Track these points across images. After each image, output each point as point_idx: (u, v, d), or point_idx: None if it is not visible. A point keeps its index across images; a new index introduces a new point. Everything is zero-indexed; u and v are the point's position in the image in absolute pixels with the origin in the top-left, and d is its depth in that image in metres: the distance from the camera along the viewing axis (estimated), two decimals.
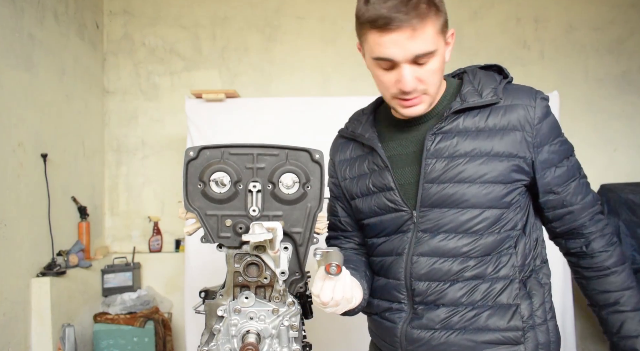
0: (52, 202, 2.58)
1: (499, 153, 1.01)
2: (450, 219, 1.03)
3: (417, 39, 0.93)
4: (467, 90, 1.04)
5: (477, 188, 1.01)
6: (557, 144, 1.05)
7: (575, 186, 1.07)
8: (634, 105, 3.43)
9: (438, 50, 0.97)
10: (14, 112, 2.30)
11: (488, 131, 1.02)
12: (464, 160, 1.02)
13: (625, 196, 2.74)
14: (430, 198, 1.05)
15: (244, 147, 0.99)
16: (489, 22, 3.43)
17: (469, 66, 1.13)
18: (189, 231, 1.03)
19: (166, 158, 3.36)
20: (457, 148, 1.03)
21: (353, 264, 1.16)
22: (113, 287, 2.99)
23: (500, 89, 1.03)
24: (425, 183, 1.05)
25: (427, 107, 1.04)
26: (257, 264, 0.99)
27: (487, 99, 1.02)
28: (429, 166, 1.04)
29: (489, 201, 1.01)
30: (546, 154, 1.04)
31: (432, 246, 1.05)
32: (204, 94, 2.69)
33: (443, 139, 1.04)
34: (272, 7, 3.40)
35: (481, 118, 1.03)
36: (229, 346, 0.97)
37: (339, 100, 2.79)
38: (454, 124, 1.04)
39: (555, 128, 1.06)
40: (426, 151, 1.05)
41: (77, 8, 2.99)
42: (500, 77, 1.06)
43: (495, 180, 1.01)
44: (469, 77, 1.07)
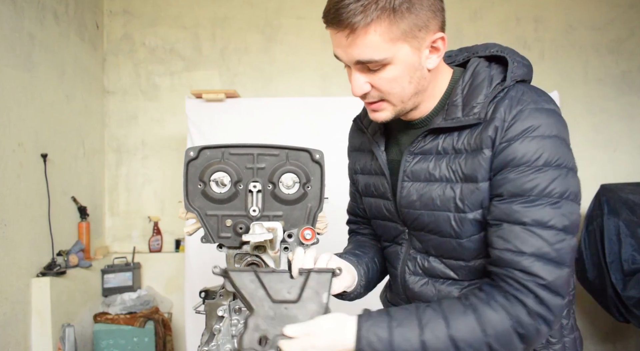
0: (52, 202, 2.58)
1: (470, 177, 0.89)
2: (435, 245, 0.98)
3: (356, 43, 0.84)
4: (455, 101, 0.93)
5: (453, 216, 0.92)
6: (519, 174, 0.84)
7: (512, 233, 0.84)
8: (634, 105, 3.43)
9: (392, 58, 0.85)
10: (14, 112, 2.30)
11: (465, 152, 0.91)
12: (440, 185, 0.93)
13: (625, 196, 2.74)
14: (413, 222, 1.00)
15: (244, 147, 0.99)
16: (489, 22, 3.43)
17: (479, 50, 0.99)
18: (189, 231, 1.03)
19: (166, 158, 3.36)
20: (434, 172, 0.94)
21: (361, 250, 1.15)
22: (113, 287, 2.99)
23: (487, 104, 0.88)
24: (402, 208, 1.00)
25: (393, 115, 0.94)
26: (258, 265, 0.99)
27: (469, 119, 0.89)
28: (404, 189, 0.99)
29: (468, 229, 0.92)
30: (499, 181, 0.86)
31: (422, 266, 1.01)
32: (204, 94, 2.69)
33: (422, 160, 0.96)
34: (272, 7, 3.40)
35: (460, 137, 0.92)
36: (229, 346, 0.97)
37: (339, 100, 2.79)
38: (434, 143, 0.95)
39: (528, 156, 0.83)
40: (402, 172, 0.99)
41: (77, 8, 2.99)
42: (497, 82, 0.91)
43: (472, 207, 0.90)
44: (464, 77, 0.95)
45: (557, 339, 0.97)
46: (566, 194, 0.83)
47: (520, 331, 0.82)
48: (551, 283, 0.81)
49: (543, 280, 0.81)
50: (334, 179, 1.34)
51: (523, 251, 0.82)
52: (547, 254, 0.82)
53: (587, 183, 2.97)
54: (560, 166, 0.84)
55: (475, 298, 0.85)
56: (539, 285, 0.81)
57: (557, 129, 0.85)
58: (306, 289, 0.86)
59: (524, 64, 0.94)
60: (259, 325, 0.83)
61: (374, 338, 0.82)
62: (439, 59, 0.91)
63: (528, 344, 0.83)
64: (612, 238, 2.68)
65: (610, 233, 2.69)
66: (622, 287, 2.60)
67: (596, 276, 2.73)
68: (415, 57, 0.87)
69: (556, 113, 0.88)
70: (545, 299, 0.81)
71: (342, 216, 1.43)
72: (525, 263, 0.82)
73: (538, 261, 0.81)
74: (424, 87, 0.93)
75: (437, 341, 0.82)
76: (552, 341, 0.97)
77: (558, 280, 0.82)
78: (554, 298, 0.82)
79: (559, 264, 0.82)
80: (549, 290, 0.81)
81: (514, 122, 0.85)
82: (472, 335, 0.82)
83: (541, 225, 0.82)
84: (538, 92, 0.90)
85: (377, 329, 0.83)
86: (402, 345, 0.82)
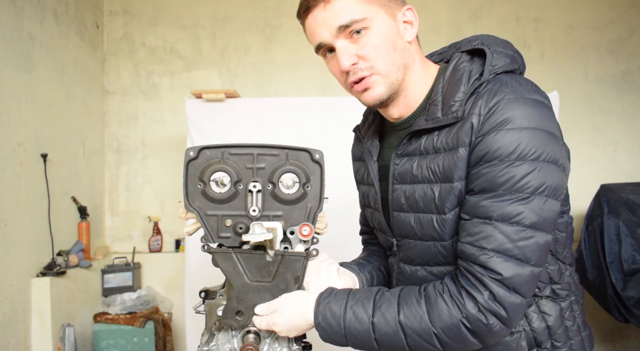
0: (52, 202, 2.58)
1: (446, 177, 0.88)
2: (419, 252, 0.97)
3: (333, 9, 0.87)
4: (435, 100, 0.91)
5: (435, 217, 0.91)
6: (490, 169, 0.81)
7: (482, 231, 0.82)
8: (634, 105, 3.43)
9: (372, 21, 0.88)
10: (14, 112, 2.30)
11: (443, 151, 0.89)
12: (422, 186, 0.92)
13: (625, 196, 2.74)
14: (399, 227, 0.99)
15: (244, 147, 0.98)
16: (489, 22, 3.43)
17: (462, 44, 0.97)
18: (189, 231, 1.03)
19: (166, 158, 3.36)
20: (417, 173, 0.93)
21: (367, 259, 1.16)
22: (113, 287, 2.99)
23: (465, 101, 0.86)
24: (394, 211, 0.99)
25: (386, 90, 0.93)
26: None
27: (447, 118, 0.87)
28: (394, 192, 0.98)
29: (450, 230, 0.89)
30: (472, 176, 0.84)
31: (411, 278, 1.00)
32: (204, 94, 2.69)
33: (407, 161, 0.96)
34: (272, 7, 3.40)
35: (439, 136, 0.90)
36: (229, 346, 0.97)
37: (339, 100, 2.79)
38: (417, 143, 0.94)
39: (502, 150, 0.80)
40: (392, 175, 0.98)
41: (77, 8, 2.99)
42: (475, 76, 0.88)
43: (451, 207, 0.88)
44: (445, 74, 0.93)
45: (563, 342, 0.94)
46: (540, 189, 0.80)
47: (468, 325, 0.81)
48: (507, 280, 0.79)
49: (499, 276, 0.80)
50: (334, 179, 1.34)
51: (484, 246, 0.81)
52: (509, 251, 0.80)
53: (587, 183, 2.98)
54: (538, 160, 0.80)
55: (432, 289, 0.86)
56: (494, 280, 0.80)
57: (537, 120, 0.81)
58: (279, 271, 0.95)
59: (507, 54, 0.90)
60: (236, 298, 0.94)
61: (328, 313, 0.88)
62: (415, 32, 0.94)
63: (480, 339, 0.83)
64: (612, 238, 2.68)
65: (610, 233, 2.69)
66: (622, 287, 2.60)
67: (596, 276, 2.73)
68: (392, 24, 0.91)
69: (538, 103, 0.83)
70: (499, 295, 0.80)
71: (342, 217, 1.44)
72: (483, 258, 0.81)
73: (498, 257, 0.80)
74: (409, 61, 0.93)
75: (387, 325, 0.85)
76: (557, 345, 0.94)
77: (516, 278, 0.80)
78: (510, 295, 0.80)
79: (521, 261, 0.80)
80: (505, 287, 0.80)
81: (490, 115, 0.82)
82: (420, 324, 0.83)
83: (506, 221, 0.80)
84: (522, 81, 0.87)
85: (333, 305, 0.88)
86: (353, 324, 0.87)
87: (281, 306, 0.91)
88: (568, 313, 0.95)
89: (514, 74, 0.90)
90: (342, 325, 0.87)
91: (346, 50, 0.90)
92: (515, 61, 0.91)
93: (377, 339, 0.86)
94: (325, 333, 0.89)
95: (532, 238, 0.80)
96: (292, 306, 0.90)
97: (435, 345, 0.84)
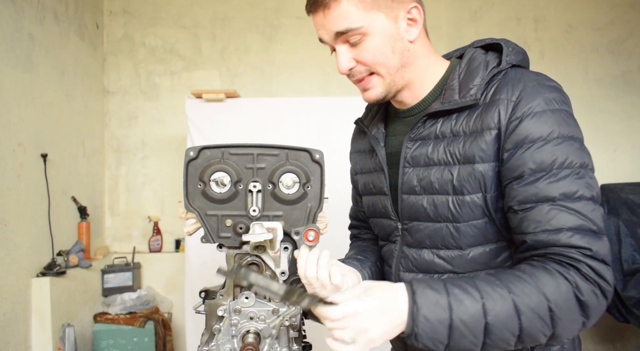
0: (52, 202, 2.58)
1: (467, 159, 0.88)
2: (429, 234, 0.96)
3: (332, 15, 0.89)
4: (451, 85, 0.93)
5: (451, 199, 0.91)
6: (536, 151, 0.83)
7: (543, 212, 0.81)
8: (634, 105, 3.43)
9: (369, 27, 0.89)
10: (14, 112, 2.30)
11: (463, 135, 0.90)
12: (438, 169, 0.93)
13: (625, 196, 2.74)
14: (409, 209, 0.99)
15: (244, 147, 0.99)
16: (489, 22, 3.43)
17: (476, 42, 1.01)
18: (189, 231, 1.03)
19: (166, 158, 3.36)
20: (432, 156, 0.93)
21: (363, 255, 1.15)
22: (113, 287, 2.99)
23: (483, 85, 0.89)
24: (403, 194, 0.99)
25: (384, 90, 0.96)
26: (258, 265, 0.99)
27: (465, 100, 0.89)
28: (405, 175, 0.98)
29: (467, 213, 0.90)
30: (517, 160, 0.84)
31: (416, 262, 1.00)
32: (204, 94, 2.69)
33: (421, 145, 0.96)
34: (272, 7, 3.40)
35: (458, 120, 0.92)
36: (229, 346, 0.97)
37: (339, 100, 2.79)
38: (433, 127, 0.95)
39: (541, 131, 0.83)
40: (403, 158, 0.98)
41: (77, 8, 2.99)
42: (492, 65, 0.92)
43: (471, 189, 0.89)
44: (461, 64, 0.96)
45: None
46: (585, 163, 0.83)
47: (580, 297, 0.77)
48: (596, 253, 0.78)
49: (589, 251, 0.78)
50: (333, 179, 1.34)
51: (559, 227, 0.80)
52: (584, 226, 0.79)
53: None
54: (573, 138, 0.84)
55: (527, 265, 0.82)
56: (586, 256, 0.78)
57: (563, 103, 0.86)
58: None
59: (519, 51, 0.95)
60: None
61: (431, 302, 0.77)
62: (419, 30, 0.93)
63: (588, 315, 0.79)
64: (612, 238, 2.68)
65: (610, 233, 2.69)
66: (622, 287, 2.60)
67: None
68: (393, 27, 0.91)
69: (558, 88, 0.88)
70: (596, 268, 0.78)
71: (342, 216, 1.43)
72: (565, 238, 0.79)
73: (577, 234, 0.79)
74: (410, 60, 0.94)
75: (501, 302, 0.77)
76: (550, 342, 0.92)
77: (602, 249, 0.79)
78: (603, 267, 0.79)
79: (597, 233, 0.80)
80: (596, 260, 0.79)
81: (520, 100, 0.85)
82: (533, 299, 0.77)
83: (570, 198, 0.80)
84: (535, 72, 0.91)
85: (431, 294, 0.78)
86: (460, 309, 0.77)
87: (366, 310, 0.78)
88: None
89: (526, 68, 0.94)
90: (448, 313, 0.76)
91: (344, 55, 0.93)
92: (526, 59, 0.96)
93: (488, 323, 0.76)
94: (425, 327, 0.77)
95: (596, 209, 0.81)
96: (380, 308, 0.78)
97: (548, 324, 0.78)
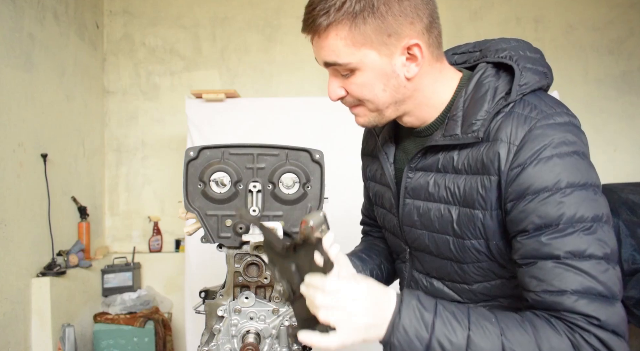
0: (52, 202, 2.58)
1: (466, 202, 0.83)
2: (435, 267, 0.93)
3: (322, 46, 0.82)
4: (455, 115, 0.84)
5: (452, 240, 0.86)
6: (541, 203, 0.74)
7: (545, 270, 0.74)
8: (634, 105, 3.43)
9: (359, 63, 0.81)
10: (14, 112, 2.30)
11: (464, 173, 0.83)
12: (438, 207, 0.87)
13: (625, 196, 2.74)
14: (413, 242, 0.96)
15: (244, 147, 0.99)
16: (489, 22, 3.43)
17: (490, 53, 0.89)
18: (189, 231, 1.03)
19: (166, 158, 3.36)
20: (433, 192, 0.88)
21: (368, 254, 1.12)
22: (113, 287, 2.99)
23: (488, 120, 0.80)
24: (404, 226, 0.96)
25: (372, 121, 0.89)
26: (257, 265, 0.99)
27: (466, 137, 0.81)
28: (406, 207, 0.94)
29: (470, 256, 0.85)
30: (521, 213, 0.76)
31: (425, 287, 0.96)
32: (204, 94, 2.69)
33: (422, 176, 0.90)
34: (272, 7, 3.40)
35: (460, 155, 0.84)
36: (229, 346, 0.97)
37: None
38: (434, 158, 0.88)
39: (547, 180, 0.73)
40: (404, 188, 0.94)
41: (77, 8, 2.99)
42: (501, 95, 0.82)
43: (472, 235, 0.83)
44: (468, 88, 0.86)
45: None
46: (599, 216, 0.73)
47: None
48: (605, 323, 0.70)
49: (596, 320, 0.70)
50: (333, 179, 1.34)
51: (562, 289, 0.71)
52: (592, 289, 0.71)
53: None
54: (586, 185, 0.74)
55: (533, 315, 0.75)
56: (593, 325, 0.70)
57: (574, 144, 0.76)
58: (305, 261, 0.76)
59: (536, 71, 0.84)
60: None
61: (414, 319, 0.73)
62: (418, 68, 0.83)
63: None
64: None
65: None
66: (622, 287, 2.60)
67: None
68: (386, 64, 0.82)
69: (571, 125, 0.78)
70: (605, 340, 0.70)
71: (342, 216, 1.43)
72: (568, 303, 0.71)
73: (583, 299, 0.71)
74: (406, 95, 0.86)
75: (486, 344, 0.72)
76: None
77: (613, 318, 0.71)
78: (614, 338, 0.70)
79: (609, 298, 0.71)
80: (605, 330, 0.70)
81: (524, 144, 0.75)
82: (526, 348, 0.71)
83: (578, 256, 0.71)
84: (549, 103, 0.81)
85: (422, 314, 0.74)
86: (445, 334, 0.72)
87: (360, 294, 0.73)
88: None
89: (542, 93, 0.85)
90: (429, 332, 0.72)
91: (334, 84, 0.87)
92: (545, 76, 0.86)
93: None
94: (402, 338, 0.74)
95: (608, 270, 0.72)
96: (372, 298, 0.74)
97: None
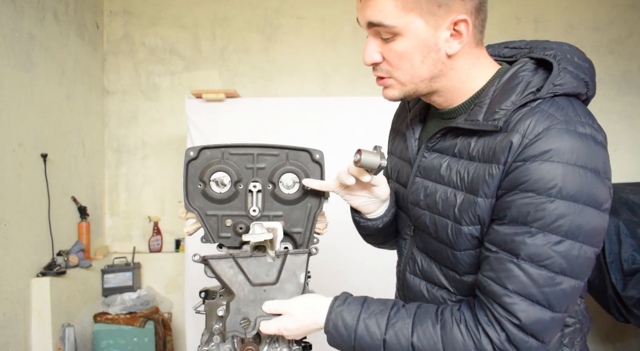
0: (52, 202, 2.57)
1: (472, 188, 0.82)
2: (433, 249, 0.94)
3: (369, 4, 0.82)
4: (482, 102, 0.84)
5: (451, 224, 0.87)
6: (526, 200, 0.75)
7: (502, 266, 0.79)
8: (634, 105, 3.43)
9: (404, 29, 0.81)
10: (14, 112, 2.30)
11: (477, 161, 0.83)
12: (445, 190, 0.88)
13: (625, 196, 2.73)
14: (416, 220, 0.97)
15: (244, 147, 0.99)
16: (489, 22, 3.37)
17: (537, 49, 0.87)
18: (189, 231, 1.03)
19: (166, 158, 3.36)
20: (444, 174, 0.88)
21: None
22: (113, 287, 2.99)
23: (511, 111, 0.79)
24: (409, 204, 0.97)
25: (400, 95, 0.89)
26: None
27: (486, 124, 0.81)
28: (414, 184, 0.95)
29: (463, 242, 0.86)
30: (504, 203, 0.78)
31: (422, 267, 0.98)
32: (204, 94, 2.69)
33: (437, 158, 0.91)
34: (272, 7, 3.40)
35: (477, 142, 0.84)
36: (229, 346, 0.97)
37: (339, 100, 2.79)
38: (452, 142, 0.89)
39: (542, 182, 0.74)
40: (417, 167, 0.95)
41: (77, 8, 2.99)
42: (531, 89, 0.80)
43: (469, 221, 0.84)
44: (502, 78, 0.85)
45: None
46: (575, 233, 0.74)
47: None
48: (527, 326, 0.77)
49: (518, 321, 0.77)
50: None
51: (507, 286, 0.77)
52: (532, 295, 0.76)
53: None
54: (578, 202, 0.74)
55: (449, 315, 0.83)
56: (513, 325, 0.77)
57: (586, 158, 0.74)
58: (284, 271, 0.92)
59: (576, 76, 0.81)
60: (240, 308, 0.91)
61: (340, 322, 0.86)
62: (462, 45, 0.84)
63: None
64: (612, 238, 2.68)
65: (610, 233, 2.68)
66: (622, 287, 2.60)
67: (596, 276, 2.73)
68: (430, 36, 0.82)
69: (591, 139, 0.76)
70: (515, 339, 0.77)
71: (343, 216, 1.43)
72: (505, 300, 0.77)
73: (520, 301, 0.77)
74: (442, 72, 0.85)
75: (398, 344, 0.83)
76: None
77: (538, 324, 0.77)
78: (528, 340, 0.78)
79: (544, 308, 0.77)
80: (523, 332, 0.77)
81: (536, 141, 0.75)
82: (432, 349, 0.81)
83: (534, 262, 0.75)
84: (579, 111, 0.79)
85: (346, 315, 0.86)
86: (364, 337, 0.84)
87: (293, 310, 0.89)
88: (567, 340, 0.91)
89: (576, 100, 0.82)
90: (352, 337, 0.85)
91: (372, 47, 0.86)
92: (585, 85, 0.83)
93: (385, 340, 0.84)
94: (334, 341, 0.88)
95: (559, 284, 0.76)
96: (306, 311, 0.89)
97: None
